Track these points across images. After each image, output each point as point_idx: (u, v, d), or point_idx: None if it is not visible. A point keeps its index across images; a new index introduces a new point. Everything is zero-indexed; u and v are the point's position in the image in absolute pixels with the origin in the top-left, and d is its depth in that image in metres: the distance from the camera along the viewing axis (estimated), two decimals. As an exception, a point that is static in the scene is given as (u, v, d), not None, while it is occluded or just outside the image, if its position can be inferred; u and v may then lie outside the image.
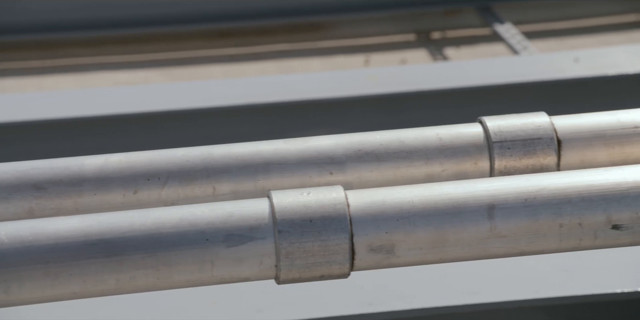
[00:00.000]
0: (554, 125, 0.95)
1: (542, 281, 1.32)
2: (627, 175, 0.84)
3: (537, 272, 1.35)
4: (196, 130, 2.23)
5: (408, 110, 2.34)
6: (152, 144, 1.36)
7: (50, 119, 2.15)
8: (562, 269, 1.35)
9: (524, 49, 2.89)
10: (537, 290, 1.30)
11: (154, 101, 2.20)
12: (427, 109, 2.31)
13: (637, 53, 2.26)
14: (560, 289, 1.30)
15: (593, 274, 1.35)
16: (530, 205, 0.83)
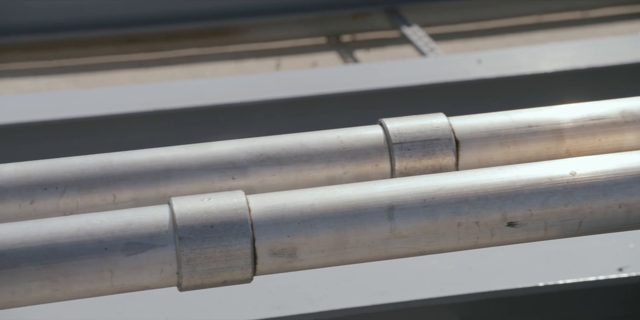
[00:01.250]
0: (451, 126, 0.97)
1: (447, 279, 1.35)
2: (521, 174, 0.87)
3: (442, 270, 1.37)
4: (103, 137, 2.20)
5: (318, 113, 2.35)
6: (54, 153, 1.34)
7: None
8: (466, 267, 1.38)
9: (431, 50, 2.94)
10: (442, 288, 1.32)
11: (58, 108, 2.16)
12: (336, 112, 2.33)
13: (536, 54, 2.32)
14: (464, 286, 1.33)
15: (496, 270, 1.38)
16: (429, 205, 0.84)
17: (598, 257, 1.40)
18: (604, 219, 0.87)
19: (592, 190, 0.86)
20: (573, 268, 1.38)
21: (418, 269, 1.38)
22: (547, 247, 1.42)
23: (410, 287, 1.34)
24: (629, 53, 2.34)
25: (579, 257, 1.41)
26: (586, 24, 3.65)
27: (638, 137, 0.99)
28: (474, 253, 1.37)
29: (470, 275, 1.36)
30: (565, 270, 1.37)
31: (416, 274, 1.37)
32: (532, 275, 1.36)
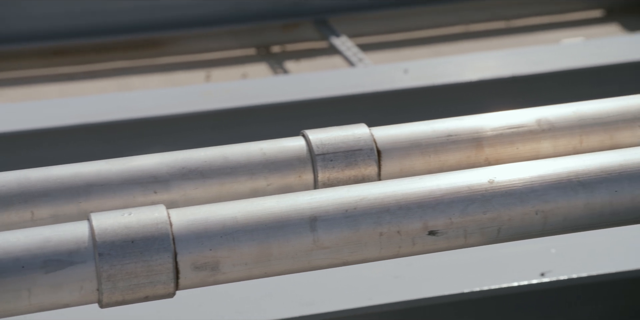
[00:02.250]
0: (373, 137, 0.98)
1: (374, 288, 1.36)
2: (441, 183, 0.88)
3: (370, 279, 1.38)
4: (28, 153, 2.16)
5: (248, 124, 2.35)
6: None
7: None
8: (394, 275, 1.40)
9: (359, 61, 2.96)
10: (370, 297, 1.33)
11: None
12: (267, 123, 2.33)
13: (461, 63, 2.36)
14: (392, 295, 1.34)
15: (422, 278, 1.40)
16: (350, 215, 0.85)
17: (521, 262, 1.43)
18: (522, 226, 0.88)
19: (509, 198, 0.88)
20: (497, 274, 1.40)
21: (346, 278, 1.39)
22: (473, 254, 1.44)
23: (339, 297, 1.34)
24: (550, 62, 2.39)
25: (503, 263, 1.44)
26: (511, 33, 3.72)
27: (554, 145, 1.01)
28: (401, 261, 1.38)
29: (398, 283, 1.38)
30: (489, 276, 1.39)
31: (344, 284, 1.38)
32: (458, 282, 1.38)
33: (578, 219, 0.89)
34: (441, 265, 1.43)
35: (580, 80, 2.36)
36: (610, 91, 1.16)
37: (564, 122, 1.02)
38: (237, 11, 3.56)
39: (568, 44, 2.94)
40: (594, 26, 3.71)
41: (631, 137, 1.02)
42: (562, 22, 3.75)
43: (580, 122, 1.02)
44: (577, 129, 1.01)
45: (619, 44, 2.58)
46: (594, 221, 0.90)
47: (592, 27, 3.70)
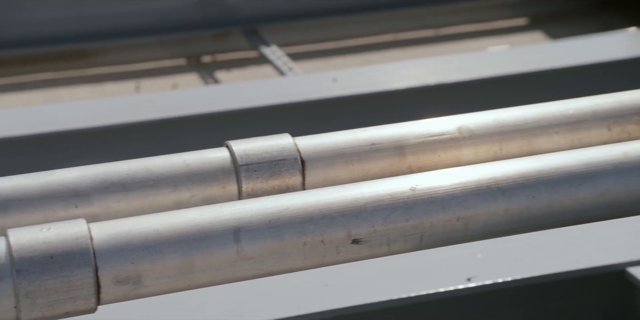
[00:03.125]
0: (297, 146, 0.98)
1: (304, 297, 1.36)
2: (364, 191, 0.89)
3: (299, 288, 1.38)
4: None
5: (179, 135, 2.34)
6: None
7: None
8: (323, 284, 1.40)
9: (289, 70, 2.97)
10: (298, 306, 1.33)
11: None
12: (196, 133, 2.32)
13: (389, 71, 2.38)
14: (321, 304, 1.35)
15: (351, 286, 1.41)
16: (274, 226, 0.85)
17: (448, 268, 1.45)
18: (444, 232, 0.90)
19: (431, 205, 0.89)
20: (425, 280, 1.42)
21: (275, 288, 1.39)
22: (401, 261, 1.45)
23: (267, 307, 1.34)
24: (476, 69, 2.44)
25: (431, 269, 1.45)
26: (439, 41, 3.78)
27: (474, 152, 1.03)
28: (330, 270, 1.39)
29: (327, 292, 1.38)
30: (417, 283, 1.41)
31: (274, 294, 1.38)
32: (387, 289, 1.39)
33: (498, 224, 0.91)
34: (370, 272, 1.44)
35: (505, 87, 2.41)
36: (534, 98, 1.18)
37: (484, 130, 1.03)
38: (167, 21, 3.54)
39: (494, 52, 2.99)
40: (519, 34, 3.79)
41: (548, 143, 1.04)
42: (488, 30, 3.82)
43: (500, 129, 1.03)
44: (497, 136, 1.03)
45: (543, 51, 2.64)
46: (513, 226, 0.92)
47: (518, 34, 3.78)
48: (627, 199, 0.92)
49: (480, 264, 1.45)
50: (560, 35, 3.61)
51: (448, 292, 1.39)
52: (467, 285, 1.40)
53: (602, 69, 2.45)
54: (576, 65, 2.47)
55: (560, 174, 0.92)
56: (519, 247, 1.49)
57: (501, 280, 1.42)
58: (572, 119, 1.04)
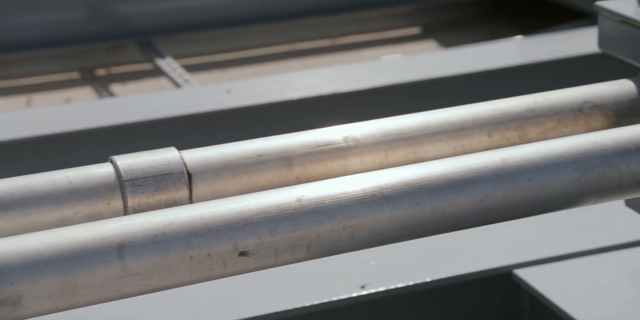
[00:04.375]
0: (183, 160, 0.98)
1: (199, 310, 1.35)
2: (250, 203, 0.89)
3: (194, 302, 1.37)
4: None
5: (69, 151, 2.29)
6: None
7: None
8: (218, 296, 1.39)
9: (185, 82, 2.95)
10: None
11: None
12: (89, 148, 2.28)
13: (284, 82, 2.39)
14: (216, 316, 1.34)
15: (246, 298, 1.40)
16: (159, 241, 0.84)
17: (342, 276, 1.46)
18: (331, 242, 0.90)
19: (317, 215, 0.90)
20: (319, 289, 1.42)
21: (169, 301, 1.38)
22: (296, 271, 1.46)
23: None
24: (370, 78, 2.47)
25: (325, 277, 1.46)
26: (335, 51, 3.81)
27: (361, 161, 1.04)
28: (225, 282, 1.38)
29: (222, 304, 1.37)
30: (312, 292, 1.41)
31: (166, 307, 1.36)
32: (282, 300, 1.39)
33: (384, 232, 0.92)
34: (265, 283, 1.43)
35: (398, 96, 2.45)
36: (426, 106, 1.20)
37: (369, 139, 1.05)
38: (58, 34, 3.46)
39: (387, 61, 3.04)
40: (413, 43, 3.86)
41: (432, 150, 1.06)
42: (383, 40, 3.88)
43: (385, 138, 1.05)
44: (382, 144, 1.05)
45: (435, 60, 2.69)
46: (399, 233, 0.93)
47: (411, 43, 3.85)
48: (506, 204, 0.95)
49: (373, 271, 1.47)
50: (452, 43, 3.69)
51: (342, 300, 1.40)
52: (361, 293, 1.42)
53: (491, 76, 2.52)
54: (467, 73, 2.53)
55: (442, 181, 0.94)
56: (410, 254, 1.52)
57: (393, 287, 1.44)
58: (455, 126, 1.07)
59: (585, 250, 1.49)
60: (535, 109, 1.08)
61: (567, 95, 1.09)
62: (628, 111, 1.08)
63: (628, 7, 1.14)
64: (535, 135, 1.08)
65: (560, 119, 1.08)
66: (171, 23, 3.47)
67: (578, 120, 1.08)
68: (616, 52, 1.16)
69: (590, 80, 1.17)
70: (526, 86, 2.36)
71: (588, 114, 1.08)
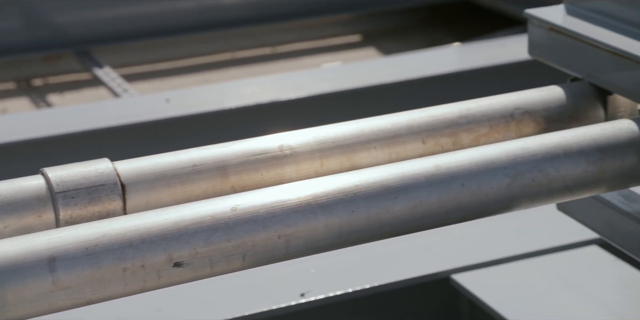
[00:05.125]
0: (117, 171, 0.97)
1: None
2: (185, 213, 0.88)
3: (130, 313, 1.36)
4: None
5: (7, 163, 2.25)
6: None
7: None
8: (156, 308, 1.38)
9: (124, 91, 2.92)
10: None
11: None
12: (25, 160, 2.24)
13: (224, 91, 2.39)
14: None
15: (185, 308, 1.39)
16: (92, 253, 0.83)
17: (282, 285, 1.46)
18: (266, 251, 0.90)
19: (252, 224, 0.90)
20: (259, 298, 1.42)
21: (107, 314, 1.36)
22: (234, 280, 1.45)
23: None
24: (310, 86, 2.47)
25: (264, 286, 1.46)
26: (276, 59, 3.81)
27: (296, 170, 1.05)
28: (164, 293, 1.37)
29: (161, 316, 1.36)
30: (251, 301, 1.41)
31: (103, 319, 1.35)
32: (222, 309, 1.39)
33: (319, 240, 0.93)
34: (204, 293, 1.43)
35: (338, 103, 2.46)
36: (366, 113, 1.21)
37: (304, 147, 1.05)
38: (-7, 44, 3.41)
39: (327, 68, 3.05)
40: (353, 50, 3.88)
41: (367, 157, 1.07)
42: (323, 47, 3.89)
43: (320, 146, 1.05)
44: (318, 153, 1.05)
45: (375, 67, 2.71)
46: (334, 241, 0.94)
47: (352, 51, 3.87)
48: (440, 210, 0.96)
49: (313, 279, 1.47)
50: (392, 50, 3.72)
51: (282, 308, 1.40)
52: (300, 301, 1.42)
53: (429, 83, 2.54)
54: (405, 80, 2.55)
55: (377, 188, 0.94)
56: (350, 261, 1.52)
57: (333, 294, 1.45)
58: (389, 133, 1.08)
59: (520, 254, 1.51)
60: (468, 116, 1.09)
61: (499, 101, 1.11)
62: (557, 117, 1.10)
63: (557, 15, 1.16)
64: (468, 142, 1.09)
65: (492, 125, 1.10)
66: (109, 32, 3.44)
67: (509, 126, 1.10)
68: (545, 59, 1.18)
69: (522, 86, 1.19)
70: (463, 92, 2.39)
71: (519, 120, 1.10)
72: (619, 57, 1.04)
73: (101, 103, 2.60)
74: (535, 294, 1.43)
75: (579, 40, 1.10)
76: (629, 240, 1.05)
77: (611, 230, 1.08)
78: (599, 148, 0.98)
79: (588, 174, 0.98)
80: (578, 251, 1.50)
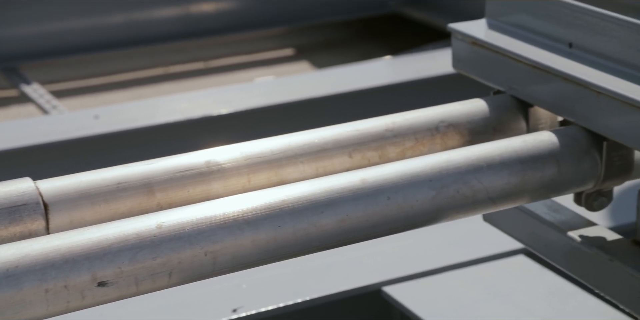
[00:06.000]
0: (39, 190, 0.95)
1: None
2: (109, 232, 0.87)
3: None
4: None
5: None
6: None
7: None
8: None
9: (53, 108, 2.88)
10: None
11: None
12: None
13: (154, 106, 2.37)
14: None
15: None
16: (12, 275, 0.82)
17: (213, 301, 1.45)
18: (192, 268, 0.90)
19: (178, 241, 0.89)
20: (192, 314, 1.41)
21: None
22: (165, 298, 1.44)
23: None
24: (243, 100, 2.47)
25: (195, 302, 1.45)
26: (209, 73, 3.80)
27: (223, 185, 1.04)
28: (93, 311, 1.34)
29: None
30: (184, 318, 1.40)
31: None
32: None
33: (246, 256, 0.92)
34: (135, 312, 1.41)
35: (271, 118, 2.46)
36: (299, 126, 1.21)
37: (231, 163, 1.05)
38: None
39: (260, 83, 3.05)
40: (287, 64, 3.89)
41: (294, 172, 1.07)
42: (256, 61, 3.89)
43: (247, 161, 1.05)
44: (245, 168, 1.05)
45: (308, 81, 2.72)
46: (262, 257, 0.93)
47: (285, 64, 3.88)
48: (367, 223, 0.96)
49: (245, 295, 1.46)
50: (325, 64, 3.74)
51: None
52: (232, 317, 1.41)
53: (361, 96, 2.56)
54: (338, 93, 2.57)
55: (303, 203, 0.94)
56: (281, 275, 1.52)
57: (264, 309, 1.44)
58: (316, 148, 1.08)
59: (449, 265, 1.53)
60: (394, 129, 1.10)
61: (424, 115, 1.12)
62: (481, 129, 1.12)
63: (479, 29, 1.18)
64: (394, 155, 1.10)
65: (418, 138, 1.11)
66: (37, 48, 3.39)
67: (435, 139, 1.11)
68: (469, 72, 1.20)
69: (451, 99, 1.21)
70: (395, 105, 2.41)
71: (444, 133, 1.11)
72: (538, 70, 1.06)
73: (29, 120, 2.55)
74: (465, 304, 1.45)
75: (500, 54, 1.12)
76: (552, 250, 1.07)
77: (535, 240, 1.10)
78: (521, 160, 1.00)
79: (510, 185, 0.99)
80: (505, 261, 1.52)
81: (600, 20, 1.01)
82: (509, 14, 1.15)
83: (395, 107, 1.32)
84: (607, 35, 1.01)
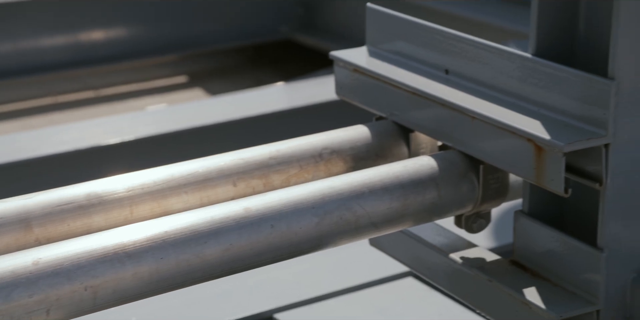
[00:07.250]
0: None
1: None
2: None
3: None
4: None
5: None
6: None
7: None
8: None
9: None
10: None
11: None
12: None
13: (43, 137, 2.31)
14: None
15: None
16: None
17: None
18: (72, 304, 0.88)
19: (56, 277, 0.87)
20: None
21: None
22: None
23: None
24: (134, 129, 2.44)
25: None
26: (101, 102, 3.74)
27: (105, 218, 1.02)
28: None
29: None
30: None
31: None
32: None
33: (128, 289, 0.91)
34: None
35: (162, 146, 2.43)
36: (194, 154, 1.20)
37: (112, 195, 1.03)
38: None
39: (151, 111, 3.02)
40: (180, 91, 3.86)
41: (178, 202, 1.06)
42: (149, 89, 3.85)
43: (129, 193, 1.04)
44: (127, 200, 1.03)
45: (200, 108, 2.70)
46: (144, 289, 0.92)
47: (178, 92, 3.85)
48: (251, 252, 0.96)
49: None
50: (218, 91, 3.73)
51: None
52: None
53: (253, 122, 2.56)
54: (230, 120, 2.56)
55: (186, 233, 0.94)
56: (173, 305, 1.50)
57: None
58: (200, 177, 1.07)
59: (340, 290, 1.54)
60: (278, 157, 1.11)
61: (307, 142, 1.13)
62: (364, 155, 1.13)
63: (360, 56, 1.20)
64: (279, 183, 1.10)
65: (302, 166, 1.11)
66: None
67: (319, 166, 1.12)
68: (351, 99, 1.21)
69: (337, 124, 1.22)
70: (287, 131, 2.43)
71: (328, 160, 1.12)
72: (417, 96, 1.09)
73: None
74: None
75: (381, 81, 1.14)
76: (436, 272, 1.09)
77: (419, 262, 1.12)
78: (402, 184, 1.02)
79: (392, 210, 1.01)
80: (394, 284, 1.54)
81: (472, 48, 1.04)
82: (388, 41, 1.17)
83: (288, 133, 1.33)
84: (480, 62, 1.04)
